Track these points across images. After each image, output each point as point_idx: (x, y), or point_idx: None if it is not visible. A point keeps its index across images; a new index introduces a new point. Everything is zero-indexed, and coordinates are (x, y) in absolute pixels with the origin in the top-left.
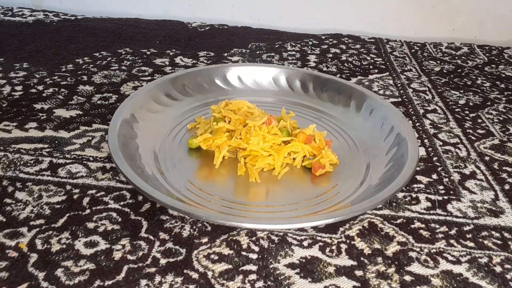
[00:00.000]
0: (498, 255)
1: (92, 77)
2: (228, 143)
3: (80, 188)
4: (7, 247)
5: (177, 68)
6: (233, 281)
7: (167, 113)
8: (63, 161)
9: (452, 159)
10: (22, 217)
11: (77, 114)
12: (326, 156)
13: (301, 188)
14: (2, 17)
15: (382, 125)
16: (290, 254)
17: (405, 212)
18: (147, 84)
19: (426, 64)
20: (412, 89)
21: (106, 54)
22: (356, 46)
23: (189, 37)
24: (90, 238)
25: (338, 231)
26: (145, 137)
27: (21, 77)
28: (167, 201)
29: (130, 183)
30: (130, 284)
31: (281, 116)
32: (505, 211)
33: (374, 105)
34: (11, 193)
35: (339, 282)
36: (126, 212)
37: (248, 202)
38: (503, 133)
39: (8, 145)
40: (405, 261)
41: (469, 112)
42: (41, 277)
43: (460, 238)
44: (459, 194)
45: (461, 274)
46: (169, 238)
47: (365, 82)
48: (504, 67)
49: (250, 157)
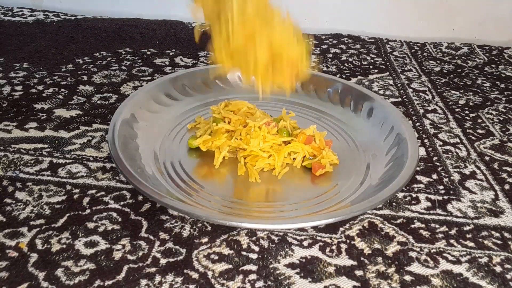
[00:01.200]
0: (498, 255)
1: (92, 77)
2: (228, 143)
3: (80, 188)
4: (7, 247)
5: (177, 68)
6: (233, 281)
7: (167, 113)
8: (63, 161)
9: (452, 159)
10: (22, 217)
11: (77, 114)
12: (327, 157)
13: (301, 188)
14: (2, 17)
15: (382, 125)
16: (290, 254)
17: (405, 212)
18: (147, 84)
19: (426, 64)
20: (412, 89)
21: (106, 54)
22: (356, 46)
23: (189, 37)
24: (90, 238)
25: (338, 231)
26: (145, 137)
27: (21, 77)
28: (167, 201)
29: (130, 183)
30: (130, 284)
31: (281, 116)
32: (505, 211)
33: (374, 105)
34: (11, 193)
35: (339, 282)
36: (126, 212)
37: (248, 202)
38: (503, 133)
39: (8, 145)
40: (405, 261)
41: (469, 112)
42: (41, 277)
43: (460, 238)
44: (459, 194)
45: (461, 274)
46: (169, 238)
47: (365, 82)
48: (504, 67)
49: (250, 157)
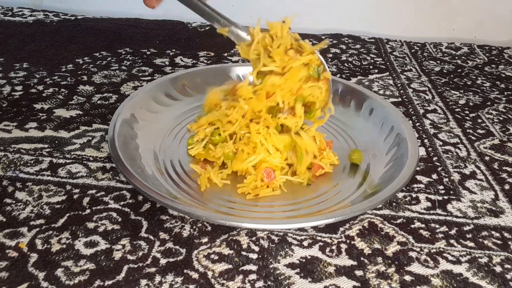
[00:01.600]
0: (498, 255)
1: (92, 77)
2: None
3: (80, 188)
4: (7, 247)
5: (177, 68)
6: (233, 281)
7: (167, 113)
8: (63, 161)
9: (452, 159)
10: (22, 217)
11: (77, 114)
12: (328, 158)
13: (301, 188)
14: (2, 17)
15: (382, 125)
16: (290, 254)
17: (405, 212)
18: (147, 84)
19: (426, 64)
20: (412, 89)
21: (106, 54)
22: (356, 46)
23: (189, 37)
24: (90, 238)
25: (338, 231)
26: (145, 137)
27: (21, 77)
28: (167, 201)
29: (130, 183)
30: (130, 284)
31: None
32: (505, 211)
33: (374, 105)
34: (11, 193)
35: (339, 282)
36: (126, 212)
37: (248, 202)
38: (503, 133)
39: (8, 145)
40: (405, 261)
41: (469, 112)
42: (41, 277)
43: (460, 238)
44: (459, 194)
45: (461, 274)
46: (169, 238)
47: (365, 82)
48: (504, 67)
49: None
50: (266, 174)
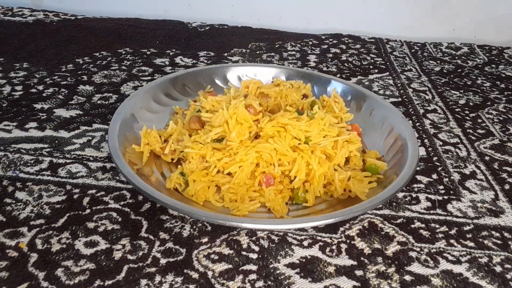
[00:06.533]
0: (498, 255)
1: (92, 77)
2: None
3: (80, 188)
4: (7, 247)
5: (177, 68)
6: (233, 281)
7: (167, 113)
8: (63, 161)
9: (452, 159)
10: (22, 217)
11: (77, 114)
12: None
13: None
14: (2, 17)
15: (382, 125)
16: (290, 254)
17: (405, 212)
18: (147, 84)
19: (426, 64)
20: (412, 89)
21: (106, 54)
22: (356, 46)
23: (189, 37)
24: (90, 238)
25: (338, 231)
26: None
27: (21, 77)
28: (167, 201)
29: (130, 183)
30: (130, 284)
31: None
32: (505, 211)
33: (374, 105)
34: (11, 193)
35: (339, 282)
36: (126, 212)
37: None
38: (503, 133)
39: (8, 145)
40: (405, 261)
41: (469, 112)
42: (41, 277)
43: (460, 238)
44: (459, 194)
45: (461, 274)
46: (169, 238)
47: (365, 82)
48: (504, 67)
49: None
50: (266, 179)
